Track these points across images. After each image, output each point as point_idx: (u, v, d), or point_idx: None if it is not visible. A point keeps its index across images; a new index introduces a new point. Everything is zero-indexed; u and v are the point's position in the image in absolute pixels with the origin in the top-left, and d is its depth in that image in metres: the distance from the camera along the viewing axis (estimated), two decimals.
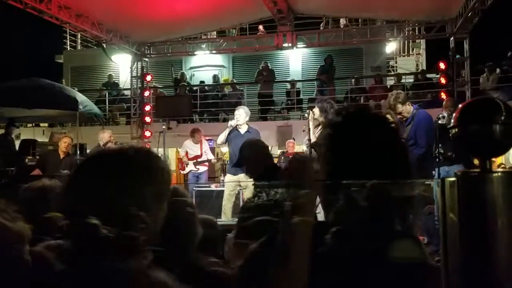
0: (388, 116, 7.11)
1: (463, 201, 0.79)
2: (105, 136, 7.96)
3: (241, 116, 6.80)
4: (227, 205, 6.81)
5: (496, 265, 0.78)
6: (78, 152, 9.88)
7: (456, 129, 0.86)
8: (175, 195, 1.56)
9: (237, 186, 6.83)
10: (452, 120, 0.87)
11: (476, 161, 0.86)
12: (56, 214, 1.25)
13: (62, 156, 7.73)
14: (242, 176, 6.81)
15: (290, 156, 7.97)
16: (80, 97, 10.83)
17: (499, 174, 0.79)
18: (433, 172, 6.10)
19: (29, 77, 10.65)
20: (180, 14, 10.54)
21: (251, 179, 6.89)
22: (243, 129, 6.83)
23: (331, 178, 1.20)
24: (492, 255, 0.78)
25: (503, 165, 9.74)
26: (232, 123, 6.81)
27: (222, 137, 6.95)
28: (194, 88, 14.50)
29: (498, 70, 11.77)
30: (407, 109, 5.58)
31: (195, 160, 9.23)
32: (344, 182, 1.15)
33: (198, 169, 9.19)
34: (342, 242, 1.08)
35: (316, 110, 5.70)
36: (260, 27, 14.05)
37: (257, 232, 1.25)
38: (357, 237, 1.08)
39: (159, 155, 1.40)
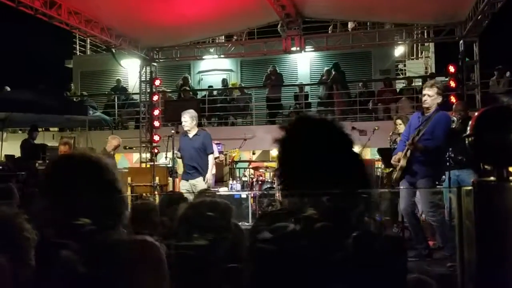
0: (398, 120, 7.14)
1: (479, 209, 0.79)
2: (112, 142, 8.03)
3: (187, 121, 6.99)
4: None
5: None
6: None
7: (472, 138, 0.86)
8: None
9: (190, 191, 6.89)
10: (468, 128, 0.87)
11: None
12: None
13: None
14: (193, 182, 6.96)
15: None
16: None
17: None
18: (443, 176, 6.06)
19: (39, 83, 10.79)
20: (188, 19, 10.58)
21: (206, 184, 7.01)
22: (191, 133, 7.03)
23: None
24: (508, 262, 0.79)
25: None
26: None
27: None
28: (203, 92, 14.56)
29: (508, 73, 11.69)
30: (437, 98, 5.43)
31: None
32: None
33: None
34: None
35: None
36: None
37: None
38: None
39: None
